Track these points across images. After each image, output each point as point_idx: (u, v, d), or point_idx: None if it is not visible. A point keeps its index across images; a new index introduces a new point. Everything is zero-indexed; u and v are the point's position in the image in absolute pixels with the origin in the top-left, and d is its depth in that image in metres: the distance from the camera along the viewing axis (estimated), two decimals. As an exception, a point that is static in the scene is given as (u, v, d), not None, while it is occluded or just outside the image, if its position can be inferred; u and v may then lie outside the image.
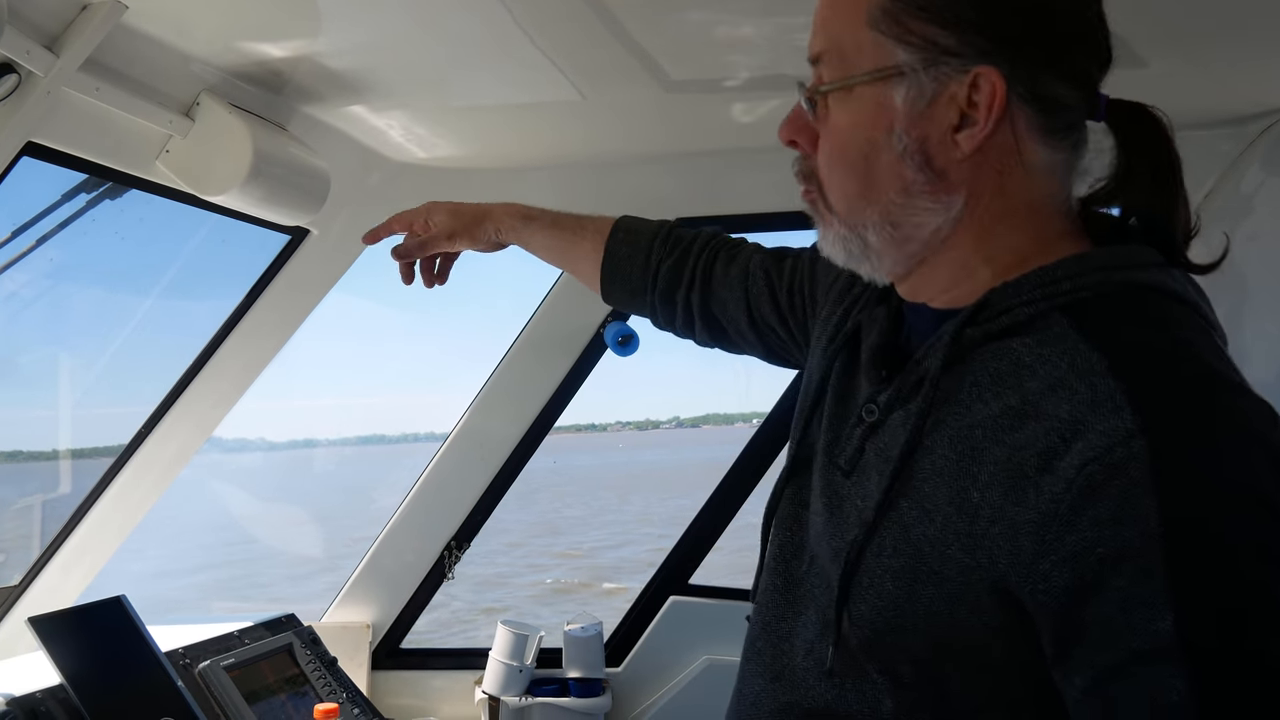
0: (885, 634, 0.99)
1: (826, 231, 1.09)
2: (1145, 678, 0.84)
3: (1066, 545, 0.87)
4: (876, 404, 1.08)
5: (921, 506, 0.98)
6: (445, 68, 2.26)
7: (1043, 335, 0.97)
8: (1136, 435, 0.85)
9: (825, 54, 1.06)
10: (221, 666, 2.33)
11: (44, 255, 2.33)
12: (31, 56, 1.73)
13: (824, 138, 1.06)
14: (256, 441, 67.74)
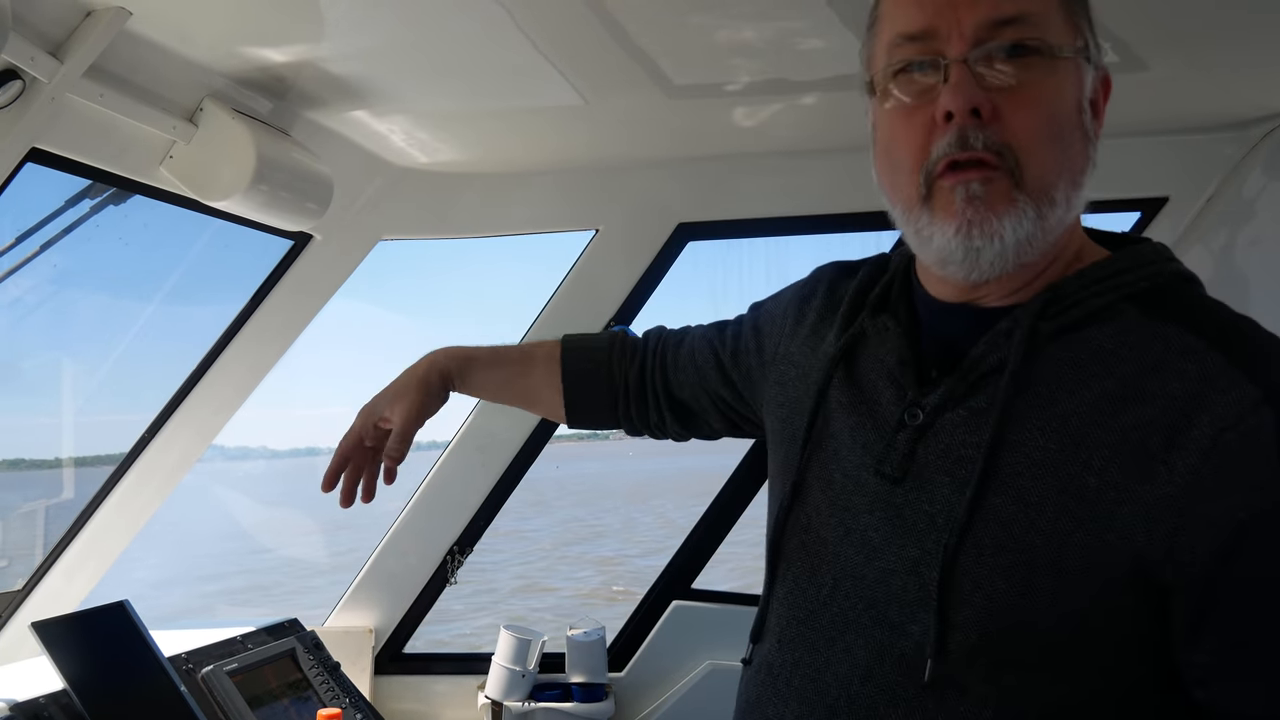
0: (996, 636, 0.97)
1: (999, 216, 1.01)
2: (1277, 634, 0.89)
3: (1209, 512, 0.90)
4: (921, 407, 1.06)
5: (1022, 501, 0.97)
6: (447, 73, 2.26)
7: (1120, 325, 1.00)
8: (1262, 404, 0.90)
9: (1026, 16, 1.01)
10: (224, 671, 2.33)
11: (48, 261, 2.33)
12: (36, 63, 1.73)
13: (1027, 105, 1.01)
14: (258, 450, 67.63)
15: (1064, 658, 0.96)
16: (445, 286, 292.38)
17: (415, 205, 2.97)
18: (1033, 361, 1.01)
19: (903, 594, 1.02)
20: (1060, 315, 1.02)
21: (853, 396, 1.14)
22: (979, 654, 0.97)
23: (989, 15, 1.00)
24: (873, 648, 1.03)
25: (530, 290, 43.50)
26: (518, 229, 3.19)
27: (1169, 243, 3.03)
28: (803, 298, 1.32)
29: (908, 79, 1.05)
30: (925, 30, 1.02)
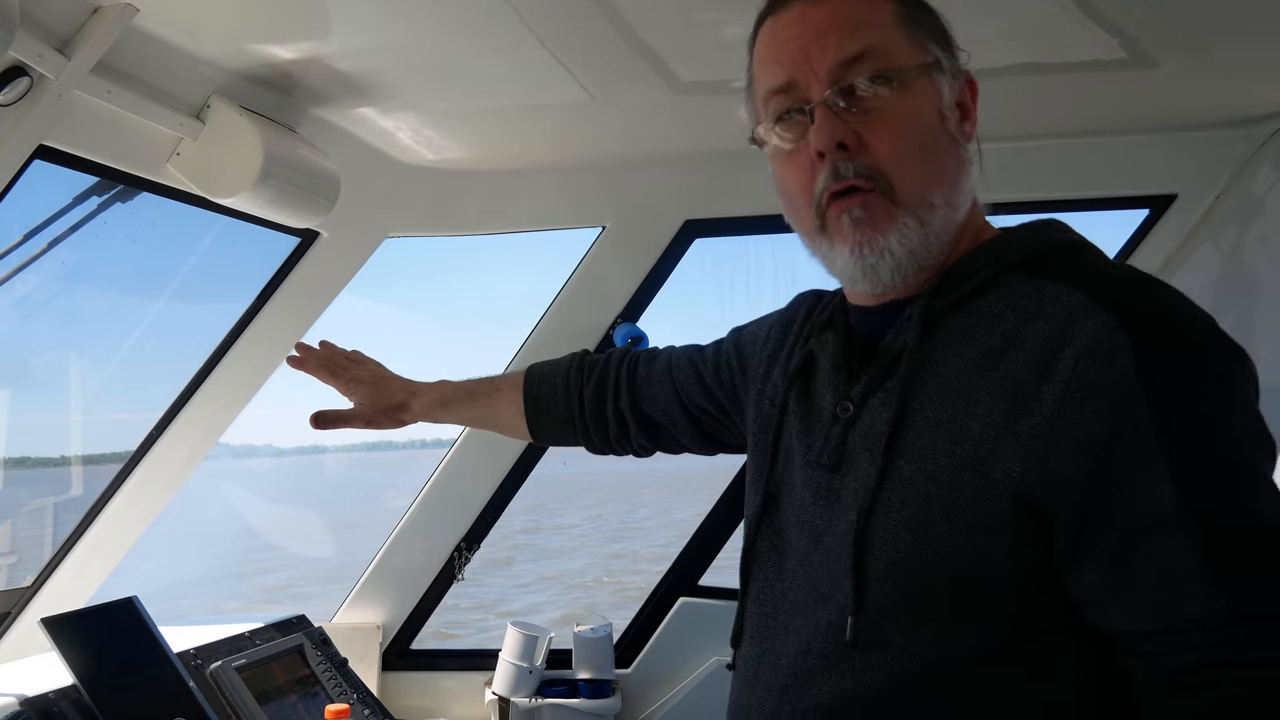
0: (906, 584, 1.05)
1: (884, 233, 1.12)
2: (1150, 550, 0.95)
3: (1074, 438, 0.98)
4: (850, 400, 1.18)
5: (921, 459, 1.07)
6: (454, 70, 2.26)
7: (1004, 290, 1.11)
8: (1117, 328, 0.99)
9: (871, 50, 1.12)
10: (233, 667, 2.33)
11: (56, 258, 2.34)
12: (43, 59, 1.73)
13: (885, 129, 1.11)
14: (264, 448, 67.73)
15: (971, 604, 1.03)
16: (452, 284, 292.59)
17: (422, 202, 2.97)
18: (931, 338, 1.12)
19: (836, 568, 1.11)
20: (951, 293, 1.13)
21: (804, 407, 1.26)
22: (894, 607, 1.06)
23: (836, 58, 1.12)
24: (812, 624, 1.13)
25: (537, 287, 43.43)
26: (524, 226, 3.19)
27: (1177, 240, 3.03)
28: (785, 324, 1.43)
29: (785, 126, 1.17)
30: (788, 83, 1.15)
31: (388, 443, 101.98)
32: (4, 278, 2.29)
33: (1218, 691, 0.93)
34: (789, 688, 1.13)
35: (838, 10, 1.14)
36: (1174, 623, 0.95)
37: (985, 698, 1.03)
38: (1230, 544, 0.94)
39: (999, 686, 1.03)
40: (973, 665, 1.04)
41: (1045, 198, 3.08)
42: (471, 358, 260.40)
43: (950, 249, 1.16)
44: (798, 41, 1.15)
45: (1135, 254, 2.99)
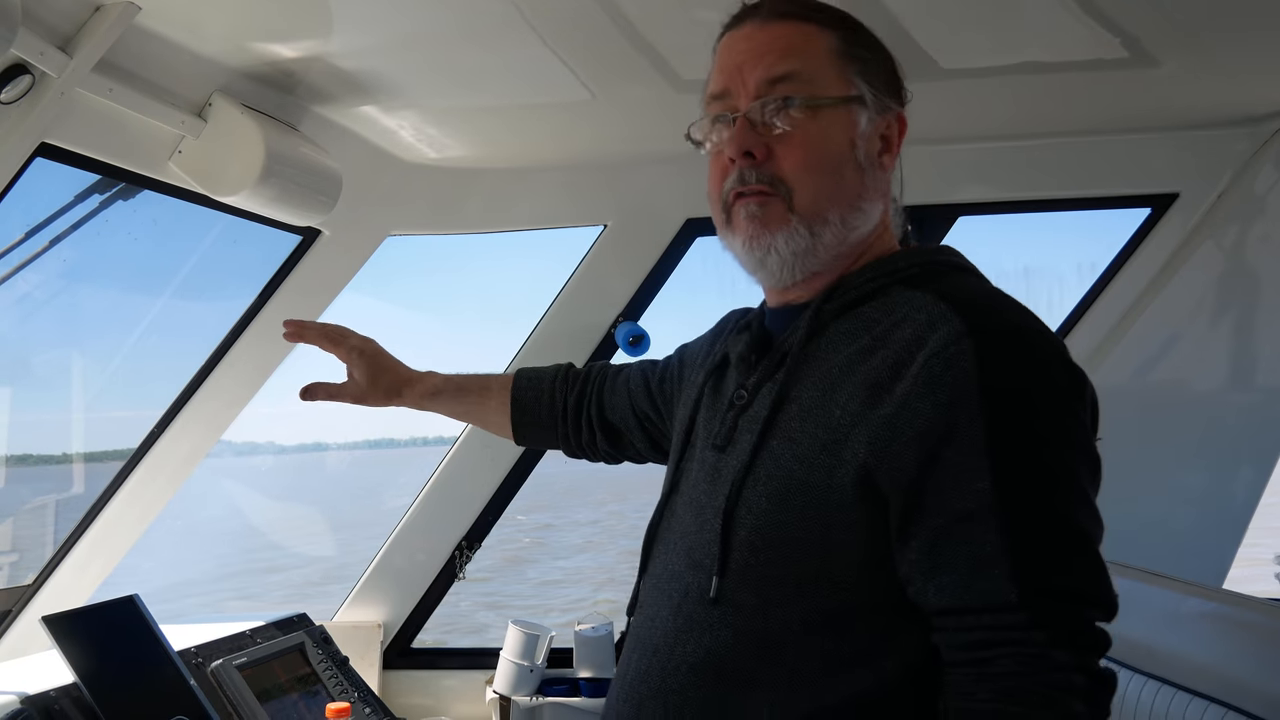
0: (762, 549, 1.18)
1: (773, 232, 1.25)
2: (966, 535, 1.08)
3: (914, 427, 1.10)
4: (746, 388, 1.30)
5: (790, 439, 1.20)
6: (456, 68, 2.26)
7: (885, 299, 1.24)
8: (965, 335, 1.11)
9: (796, 75, 1.25)
10: (234, 665, 2.33)
11: (57, 256, 2.34)
12: (45, 57, 1.74)
13: (794, 146, 1.24)
14: (266, 445, 67.64)
15: (817, 574, 1.15)
16: (453, 281, 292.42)
17: (424, 201, 2.97)
18: (817, 337, 1.26)
19: (708, 535, 1.23)
20: (840, 299, 1.26)
21: (714, 399, 1.39)
22: (750, 570, 1.18)
23: (764, 75, 1.25)
24: (683, 588, 1.25)
25: (539, 285, 43.21)
26: (526, 225, 3.19)
27: (1179, 239, 3.03)
28: (714, 336, 1.57)
29: (716, 130, 1.31)
30: (723, 91, 1.29)
31: (389, 440, 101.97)
32: (6, 275, 2.29)
33: (998, 665, 1.06)
34: (661, 647, 1.24)
35: (778, 35, 1.27)
36: (972, 602, 1.07)
37: (819, 660, 1.14)
38: (1033, 538, 1.07)
39: (834, 651, 1.14)
40: (813, 628, 1.15)
41: (1047, 196, 3.08)
42: (473, 357, 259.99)
43: (849, 262, 1.30)
44: (739, 57, 1.28)
45: (1137, 253, 2.99)
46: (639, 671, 1.26)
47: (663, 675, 1.22)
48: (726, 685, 1.17)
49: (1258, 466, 3.01)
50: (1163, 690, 1.89)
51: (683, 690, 1.20)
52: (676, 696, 1.20)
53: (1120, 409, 3.07)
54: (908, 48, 2.18)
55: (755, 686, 1.16)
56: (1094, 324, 3.02)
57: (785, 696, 1.15)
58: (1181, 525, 3.02)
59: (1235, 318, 3.02)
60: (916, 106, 2.84)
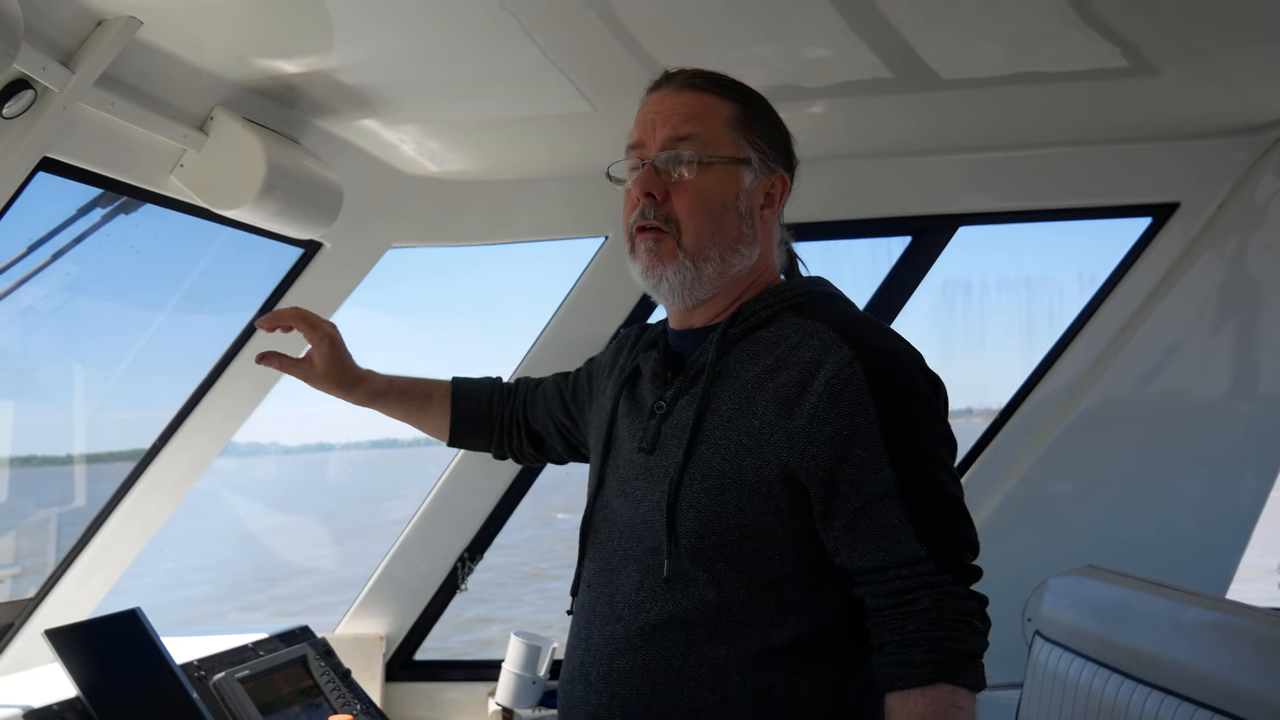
0: (707, 536, 1.45)
1: (664, 264, 1.53)
2: (877, 513, 1.40)
3: (824, 433, 1.41)
4: (664, 400, 1.56)
5: (716, 444, 1.47)
6: (457, 81, 2.27)
7: (779, 325, 1.53)
8: (855, 360, 1.42)
9: (695, 136, 1.53)
10: (236, 678, 2.33)
11: (60, 269, 2.34)
12: (47, 72, 1.74)
13: (686, 193, 1.52)
14: (270, 446, 67.38)
15: (753, 550, 1.45)
16: (454, 291, 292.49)
17: (425, 213, 2.98)
18: (726, 357, 1.53)
19: (654, 525, 1.49)
20: (742, 323, 1.55)
21: (631, 406, 1.63)
22: (698, 553, 1.45)
23: (669, 133, 1.54)
24: (641, 568, 1.50)
25: (541, 286, 42.71)
26: (527, 237, 3.20)
27: (1180, 248, 3.04)
28: (618, 350, 1.80)
29: (631, 173, 1.58)
30: (639, 141, 1.57)
31: (391, 440, 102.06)
32: (9, 289, 2.29)
33: (921, 603, 1.38)
34: (623, 615, 1.50)
35: (685, 103, 1.55)
36: (892, 560, 1.40)
37: (763, 614, 1.44)
38: (925, 508, 1.40)
39: (774, 606, 1.45)
40: (755, 592, 1.45)
41: (1048, 206, 3.09)
42: (473, 366, 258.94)
43: (741, 290, 1.58)
44: (652, 115, 1.56)
45: (1138, 263, 2.99)
46: (605, 636, 1.52)
47: (628, 636, 1.49)
48: (689, 637, 1.45)
49: (1260, 475, 3.01)
50: (1166, 701, 1.88)
51: (650, 644, 1.48)
52: (644, 650, 1.48)
53: (1122, 418, 3.08)
54: (909, 59, 2.19)
55: (712, 636, 1.45)
56: (1096, 333, 3.03)
57: (739, 642, 1.44)
58: (1183, 534, 3.01)
59: (1237, 326, 3.02)
60: (917, 117, 2.85)
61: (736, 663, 1.44)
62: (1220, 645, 1.87)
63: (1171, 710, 1.86)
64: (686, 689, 1.45)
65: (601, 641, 1.53)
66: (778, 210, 1.61)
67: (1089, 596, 2.22)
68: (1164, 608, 2.02)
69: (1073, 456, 3.03)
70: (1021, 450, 3.06)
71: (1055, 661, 2.22)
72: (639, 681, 1.48)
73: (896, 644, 1.39)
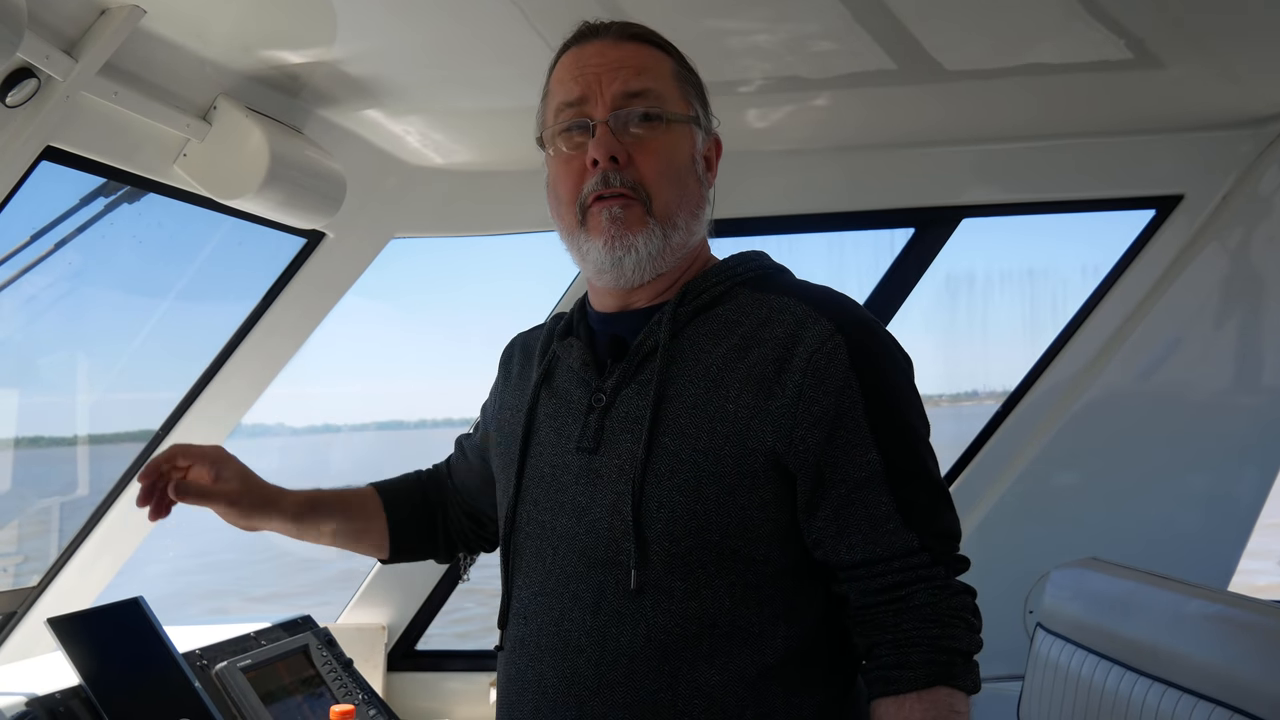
0: (683, 538, 1.27)
1: (637, 233, 1.35)
2: (864, 500, 1.27)
3: (812, 413, 1.27)
4: (604, 391, 1.37)
5: (683, 434, 1.29)
6: (461, 72, 2.27)
7: (737, 301, 1.38)
8: (836, 333, 1.29)
9: (650, 92, 1.37)
10: (238, 668, 2.33)
11: (63, 258, 2.34)
12: (51, 61, 1.74)
13: (650, 154, 1.36)
14: (276, 427, 67.45)
15: (735, 551, 1.28)
16: (456, 283, 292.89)
17: (428, 203, 2.97)
18: (679, 338, 1.36)
19: (609, 534, 1.30)
20: (694, 301, 1.38)
21: (554, 404, 1.43)
22: (673, 559, 1.27)
23: (621, 89, 1.36)
24: (594, 586, 1.30)
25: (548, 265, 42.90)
26: (530, 227, 3.19)
27: (1184, 241, 3.02)
28: (503, 365, 1.62)
29: (567, 137, 1.40)
30: (580, 98, 1.38)
31: (397, 423, 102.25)
32: (12, 278, 2.29)
33: (916, 599, 1.27)
34: (584, 646, 1.30)
35: (631, 54, 1.39)
36: (882, 553, 1.27)
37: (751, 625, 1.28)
38: (911, 493, 1.28)
39: (761, 615, 1.29)
40: (740, 599, 1.28)
41: (1051, 198, 3.08)
42: (475, 361, 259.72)
43: (684, 268, 1.41)
44: (594, 70, 1.38)
45: (1142, 255, 2.99)
46: (564, 674, 1.31)
47: (599, 670, 1.28)
48: (673, 663, 1.27)
49: (1262, 468, 3.01)
50: (1168, 693, 1.88)
51: (629, 679, 1.27)
52: (623, 686, 1.28)
53: (1125, 410, 3.08)
54: (912, 50, 2.18)
55: (699, 658, 1.27)
56: (1099, 326, 3.02)
57: (730, 661, 1.27)
58: (1185, 526, 3.01)
59: (1240, 319, 3.01)
60: (921, 108, 2.84)
61: (732, 686, 1.26)
62: (1222, 637, 1.87)
63: (1173, 702, 1.86)
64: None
65: (560, 681, 1.31)
66: (715, 174, 1.46)
67: (1091, 588, 2.22)
68: (1166, 600, 2.02)
69: (1075, 449, 3.03)
70: (1024, 442, 3.06)
71: (1057, 653, 2.22)
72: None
73: (889, 644, 1.27)
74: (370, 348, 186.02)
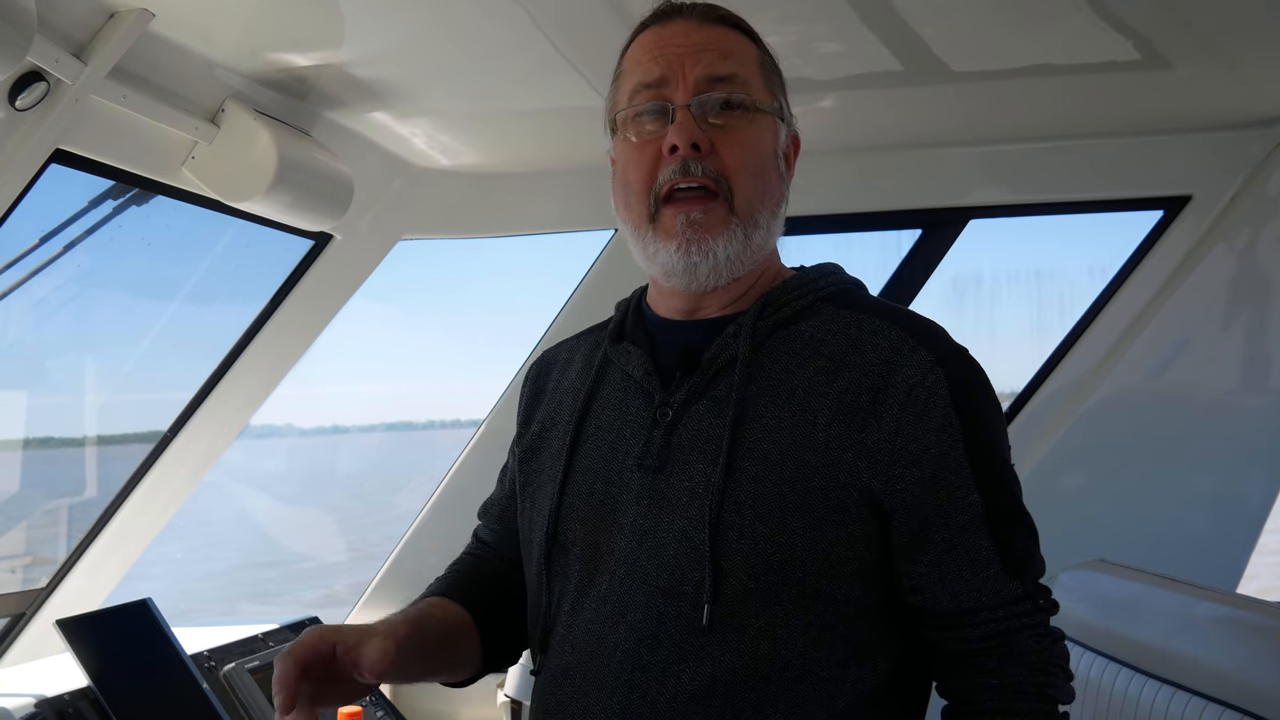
0: (764, 573, 1.16)
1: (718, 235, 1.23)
2: (966, 544, 1.18)
3: (911, 451, 1.17)
4: (670, 405, 1.24)
5: (766, 461, 1.18)
6: (469, 75, 2.27)
7: (822, 318, 1.26)
8: (936, 365, 1.19)
9: (737, 78, 1.26)
10: (246, 669, 2.34)
11: (72, 261, 2.35)
12: (60, 64, 1.75)
13: (735, 145, 1.24)
14: (285, 428, 67.42)
15: (816, 589, 1.16)
16: (462, 285, 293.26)
17: (435, 205, 2.98)
18: (758, 353, 1.24)
19: (675, 562, 1.18)
20: (774, 315, 1.26)
21: (608, 416, 1.30)
22: (751, 594, 1.16)
23: (706, 72, 1.24)
24: (653, 617, 1.18)
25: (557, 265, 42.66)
26: (537, 229, 3.19)
27: (1192, 242, 3.01)
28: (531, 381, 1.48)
29: (640, 121, 1.28)
30: (660, 79, 1.26)
31: (406, 424, 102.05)
32: (21, 280, 2.30)
33: (1022, 646, 1.19)
34: (637, 682, 1.17)
35: (717, 36, 1.27)
36: (988, 601, 1.19)
37: (825, 669, 1.17)
38: (1010, 536, 1.20)
39: (836, 658, 1.18)
40: (815, 640, 1.17)
41: (1059, 199, 3.08)
42: (480, 364, 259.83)
43: (758, 274, 1.29)
44: (677, 50, 1.26)
45: (1150, 256, 2.98)
46: (613, 711, 1.18)
47: (654, 710, 1.16)
48: (737, 706, 1.15)
49: (1270, 469, 3.00)
50: (1177, 695, 1.88)
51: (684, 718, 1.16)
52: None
53: (1133, 412, 3.07)
54: (918, 51, 2.18)
55: (765, 702, 1.16)
56: (1107, 327, 3.02)
57: (797, 706, 1.16)
58: (1194, 528, 3.01)
59: (1248, 320, 3.01)
60: (928, 110, 2.84)
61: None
62: (1231, 640, 1.87)
63: (1182, 705, 1.86)
64: None
65: (609, 715, 1.19)
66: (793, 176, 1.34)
67: (1099, 590, 2.22)
68: (1175, 602, 2.02)
69: (1083, 450, 3.02)
70: (1032, 443, 3.05)
71: (1064, 655, 2.22)
72: None
73: (993, 689, 1.18)
74: (378, 349, 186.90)
